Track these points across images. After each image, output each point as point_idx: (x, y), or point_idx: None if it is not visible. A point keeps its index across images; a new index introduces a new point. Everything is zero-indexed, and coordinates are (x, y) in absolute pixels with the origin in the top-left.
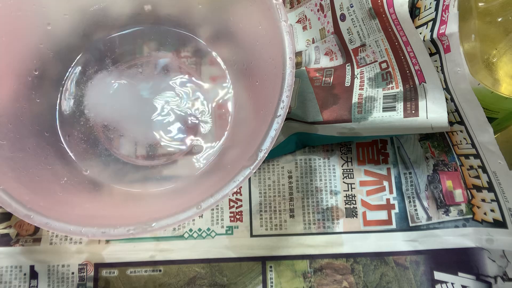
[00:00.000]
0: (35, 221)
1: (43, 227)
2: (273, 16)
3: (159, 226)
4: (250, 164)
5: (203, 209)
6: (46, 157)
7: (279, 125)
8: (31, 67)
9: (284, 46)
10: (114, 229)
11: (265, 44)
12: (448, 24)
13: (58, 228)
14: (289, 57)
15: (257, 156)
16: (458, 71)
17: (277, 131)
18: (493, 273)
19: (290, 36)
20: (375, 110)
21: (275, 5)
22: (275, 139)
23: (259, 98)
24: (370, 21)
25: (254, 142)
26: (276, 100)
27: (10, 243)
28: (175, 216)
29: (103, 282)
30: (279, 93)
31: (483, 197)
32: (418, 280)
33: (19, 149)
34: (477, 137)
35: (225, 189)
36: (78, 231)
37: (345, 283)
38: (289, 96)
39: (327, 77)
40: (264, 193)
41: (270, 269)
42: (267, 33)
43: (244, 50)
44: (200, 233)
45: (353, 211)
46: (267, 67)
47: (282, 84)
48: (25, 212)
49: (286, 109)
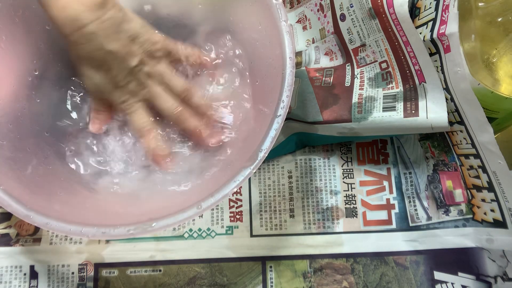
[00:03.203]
0: (35, 221)
1: (43, 227)
2: (273, 16)
3: (159, 226)
4: (250, 164)
5: (203, 209)
6: (46, 157)
7: (279, 125)
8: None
9: (284, 46)
10: (114, 229)
11: (265, 44)
12: (448, 24)
13: (58, 228)
14: (289, 57)
15: (257, 156)
16: (458, 71)
17: (277, 131)
18: (493, 273)
19: (290, 36)
20: (375, 110)
21: (275, 5)
22: (275, 139)
23: (259, 98)
24: (370, 21)
25: (254, 142)
26: (276, 99)
27: (10, 243)
28: (175, 216)
29: (103, 282)
30: (279, 92)
31: (483, 197)
32: (418, 280)
33: (19, 149)
34: (477, 137)
35: (225, 189)
36: (78, 231)
37: (345, 283)
38: (289, 96)
39: (327, 77)
40: (264, 193)
41: (270, 269)
42: (267, 33)
43: (244, 50)
44: (200, 233)
45: (353, 211)
46: (267, 67)
47: (282, 84)
48: (25, 212)
49: (286, 109)
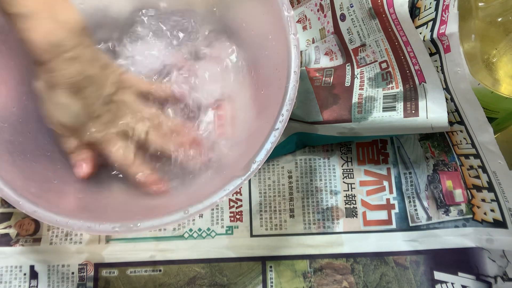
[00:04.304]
0: (23, 207)
1: (31, 215)
2: (284, 27)
3: (144, 226)
4: (242, 174)
5: (190, 214)
6: (46, 143)
7: (276, 138)
8: None
9: (290, 59)
10: (100, 225)
11: (273, 55)
12: (448, 24)
13: (45, 217)
14: (294, 71)
15: (250, 167)
16: (458, 71)
17: (273, 144)
18: (493, 273)
19: (297, 49)
20: (375, 110)
21: (286, 17)
22: (270, 152)
23: (261, 108)
24: (370, 21)
25: (249, 152)
26: (276, 112)
27: (10, 243)
28: (161, 219)
29: (103, 282)
30: (280, 105)
31: (483, 197)
32: (418, 280)
33: (19, 132)
34: (477, 137)
35: (214, 196)
36: (64, 223)
37: (345, 283)
38: (289, 110)
39: (327, 77)
40: (264, 193)
41: (270, 269)
42: (276, 44)
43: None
44: (200, 233)
45: (353, 211)
46: (273, 78)
47: (284, 98)
48: (15, 198)
49: (285, 123)
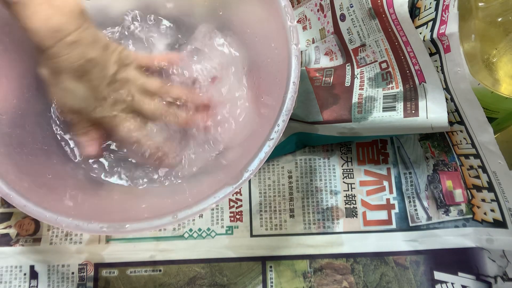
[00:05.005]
0: (13, 201)
1: (21, 209)
2: (286, 37)
3: (132, 228)
4: (234, 182)
5: (179, 219)
6: (44, 137)
7: (269, 148)
8: None
9: (290, 69)
10: (88, 224)
11: (275, 63)
12: (448, 24)
13: (34, 212)
14: (293, 82)
15: (242, 176)
16: (458, 71)
17: (267, 154)
18: (493, 273)
19: (297, 60)
20: (375, 110)
21: (289, 27)
22: (264, 161)
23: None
24: (370, 21)
25: (243, 160)
26: (272, 121)
27: (10, 243)
28: (149, 222)
29: (103, 282)
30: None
31: (483, 197)
32: (418, 280)
33: (18, 125)
34: (477, 137)
35: (203, 203)
36: (53, 219)
37: (345, 283)
38: (285, 121)
39: (327, 77)
40: (264, 193)
41: (270, 269)
42: (278, 52)
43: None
44: (200, 233)
45: (353, 211)
46: (273, 86)
47: (281, 108)
48: (6, 190)
49: (280, 133)
